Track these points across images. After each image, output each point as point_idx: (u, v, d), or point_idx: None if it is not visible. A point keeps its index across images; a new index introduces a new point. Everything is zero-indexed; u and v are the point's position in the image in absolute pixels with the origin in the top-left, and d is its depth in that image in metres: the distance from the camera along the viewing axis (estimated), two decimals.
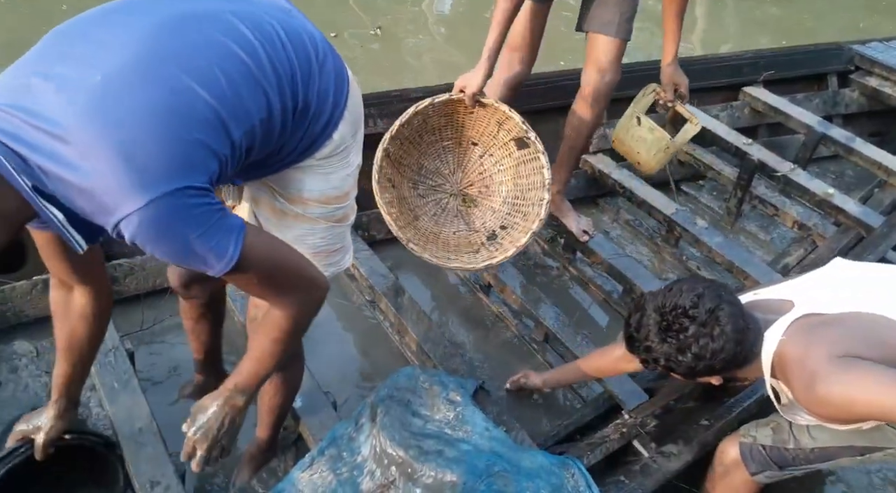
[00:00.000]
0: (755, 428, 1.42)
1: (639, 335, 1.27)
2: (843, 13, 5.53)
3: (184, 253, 0.89)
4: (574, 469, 1.32)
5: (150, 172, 0.83)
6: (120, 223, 0.83)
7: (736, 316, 1.21)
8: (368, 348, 2.02)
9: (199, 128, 0.88)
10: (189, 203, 0.86)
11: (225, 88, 0.91)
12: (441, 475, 1.35)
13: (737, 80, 3.05)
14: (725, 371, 1.27)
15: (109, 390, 1.55)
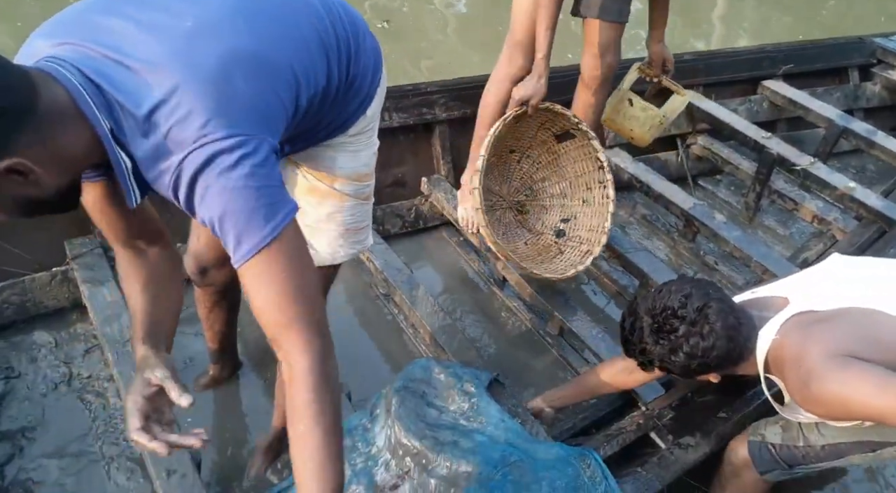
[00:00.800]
0: (764, 427, 1.40)
1: (633, 338, 1.29)
2: (864, 5, 5.45)
3: (234, 200, 0.80)
4: (590, 460, 1.31)
5: (236, 112, 0.80)
6: (189, 155, 0.78)
7: (725, 313, 1.22)
8: (383, 341, 2.02)
9: (282, 85, 0.87)
10: (263, 156, 0.82)
11: (305, 50, 0.92)
12: (456, 465, 1.34)
13: (756, 74, 3.02)
14: (721, 369, 1.27)
15: (128, 380, 1.56)
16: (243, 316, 1.75)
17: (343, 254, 1.25)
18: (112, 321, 1.69)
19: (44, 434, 1.60)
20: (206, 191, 0.80)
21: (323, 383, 0.88)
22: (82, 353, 1.79)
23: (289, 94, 0.89)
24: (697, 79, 2.88)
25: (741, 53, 3.07)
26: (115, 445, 1.60)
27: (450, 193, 2.37)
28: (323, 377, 0.88)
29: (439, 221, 2.45)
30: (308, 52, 0.93)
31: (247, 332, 1.88)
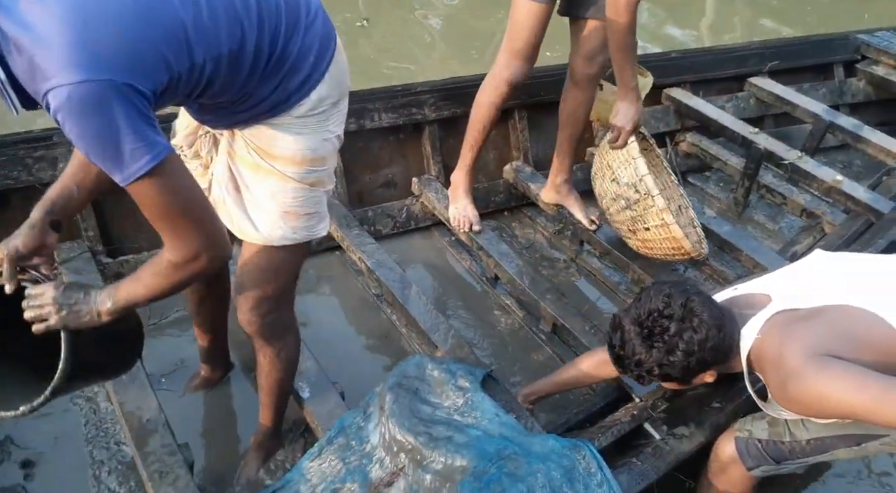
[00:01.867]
0: (751, 422, 1.40)
1: (626, 352, 1.29)
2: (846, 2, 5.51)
3: (95, 145, 0.87)
4: (585, 451, 1.31)
5: (98, 55, 0.83)
6: (49, 92, 0.83)
7: (708, 303, 1.25)
8: (376, 340, 2.01)
9: (162, 37, 0.89)
10: (123, 100, 0.85)
11: (202, 8, 0.93)
12: (451, 460, 1.34)
13: (742, 71, 3.05)
14: (716, 363, 1.28)
15: (117, 383, 1.55)
16: (234, 321, 1.74)
17: (280, 236, 1.21)
18: None
19: (34, 439, 1.58)
20: (69, 130, 0.86)
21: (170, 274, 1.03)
22: None
23: (174, 47, 0.91)
24: (684, 76, 2.91)
25: (727, 51, 3.10)
26: (106, 449, 1.59)
27: (440, 193, 2.37)
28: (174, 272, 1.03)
29: (430, 221, 2.46)
30: (210, 12, 0.94)
31: (238, 335, 1.87)
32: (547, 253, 2.44)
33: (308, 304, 2.07)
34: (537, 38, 2.00)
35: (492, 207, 2.54)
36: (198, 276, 1.06)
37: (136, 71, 0.87)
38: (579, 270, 2.37)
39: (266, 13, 1.01)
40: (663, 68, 2.86)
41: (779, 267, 2.13)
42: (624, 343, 1.29)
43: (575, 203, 2.30)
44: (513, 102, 2.54)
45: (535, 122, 2.63)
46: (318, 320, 2.01)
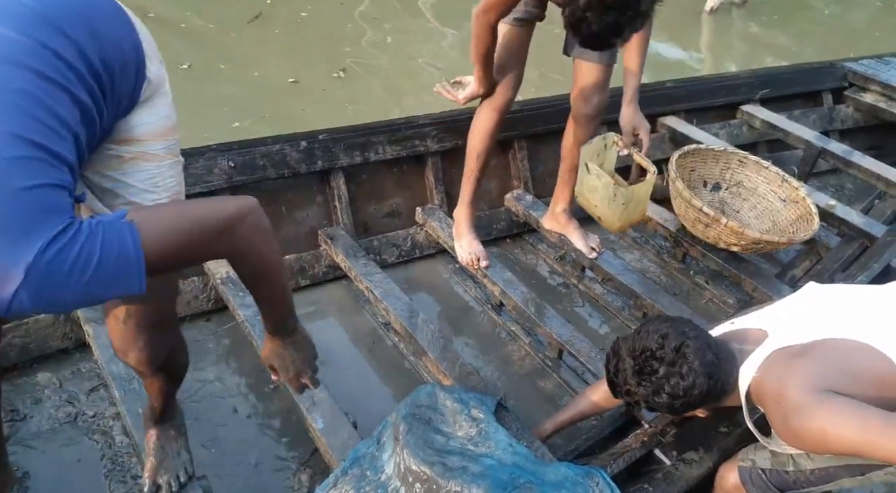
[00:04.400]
0: (754, 451, 1.41)
1: (618, 380, 1.33)
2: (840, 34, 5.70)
3: (92, 294, 0.80)
4: (598, 478, 1.33)
5: (9, 242, 0.74)
6: (12, 307, 0.75)
7: (702, 350, 1.25)
8: (385, 369, 2.04)
9: (28, 175, 0.78)
10: (62, 251, 0.76)
11: (37, 114, 0.81)
12: (466, 489, 1.36)
13: (734, 99, 3.13)
14: (705, 405, 1.31)
15: (134, 417, 1.57)
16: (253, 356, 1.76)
17: None
18: (117, 360, 1.70)
19: (52, 474, 1.59)
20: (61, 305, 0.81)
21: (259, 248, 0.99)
22: (87, 392, 1.79)
23: (50, 171, 0.81)
24: (678, 105, 2.99)
25: (719, 80, 3.19)
26: (123, 482, 1.60)
27: (444, 222, 2.42)
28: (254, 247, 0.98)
29: (434, 250, 2.50)
30: (43, 111, 0.82)
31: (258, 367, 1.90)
32: (549, 279, 2.48)
33: (316, 333, 2.07)
34: (519, 60, 2.00)
35: (494, 234, 2.59)
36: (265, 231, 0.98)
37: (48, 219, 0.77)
38: (582, 295, 2.42)
39: (64, 51, 0.87)
40: (658, 97, 2.94)
41: (778, 291, 2.21)
42: (617, 372, 1.33)
43: (575, 231, 2.35)
44: (513, 133, 2.62)
45: (535, 151, 2.69)
46: (326, 349, 2.03)
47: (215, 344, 2.01)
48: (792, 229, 2.40)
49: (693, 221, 2.30)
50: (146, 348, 1.26)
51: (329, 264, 2.31)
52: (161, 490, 1.46)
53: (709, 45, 5.46)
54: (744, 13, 5.94)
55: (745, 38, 5.67)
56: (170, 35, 3.89)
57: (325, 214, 2.37)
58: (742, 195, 2.61)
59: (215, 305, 2.08)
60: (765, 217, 2.55)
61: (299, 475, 1.68)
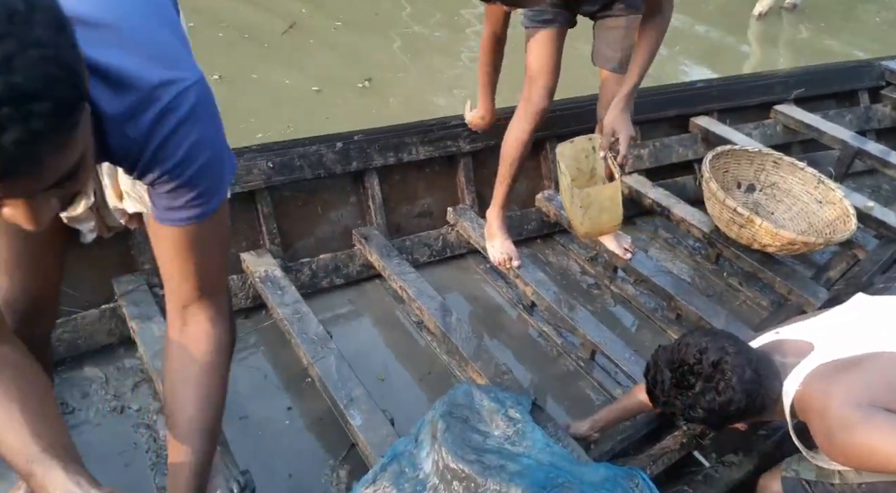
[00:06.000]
0: (797, 462, 1.39)
1: (656, 391, 1.34)
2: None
3: (214, 156, 0.82)
4: (638, 479, 1.34)
5: (183, 55, 0.81)
6: (184, 92, 0.76)
7: (742, 367, 1.24)
8: (419, 368, 2.06)
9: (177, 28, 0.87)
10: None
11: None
12: (505, 488, 1.37)
13: (768, 99, 3.09)
14: (743, 419, 1.30)
15: None
16: (285, 355, 1.78)
17: None
18: (162, 355, 1.75)
19: (99, 465, 1.63)
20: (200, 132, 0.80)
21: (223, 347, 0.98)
22: (131, 387, 1.84)
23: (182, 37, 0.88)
24: (711, 105, 2.96)
25: (753, 79, 3.16)
26: (167, 475, 1.64)
27: (475, 222, 2.44)
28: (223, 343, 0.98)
29: (466, 249, 2.51)
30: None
31: (292, 368, 1.92)
32: (581, 280, 2.48)
33: (350, 332, 2.13)
34: (550, 69, 2.00)
35: (525, 234, 2.60)
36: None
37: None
38: (614, 296, 2.41)
39: None
40: (689, 97, 2.92)
41: (814, 293, 2.19)
42: (656, 382, 1.34)
43: (608, 235, 2.33)
44: (544, 133, 2.62)
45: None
46: (360, 348, 2.07)
47: (253, 341, 2.06)
48: (828, 231, 2.37)
49: (727, 222, 2.28)
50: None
51: (363, 264, 2.34)
52: None
53: (756, 51, 5.36)
54: (794, 18, 5.84)
55: (793, 43, 5.58)
56: (206, 44, 3.95)
57: (359, 214, 2.40)
58: (777, 197, 2.58)
59: (253, 302, 2.12)
60: (800, 219, 2.52)
61: (338, 471, 1.71)
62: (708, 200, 2.36)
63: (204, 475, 0.94)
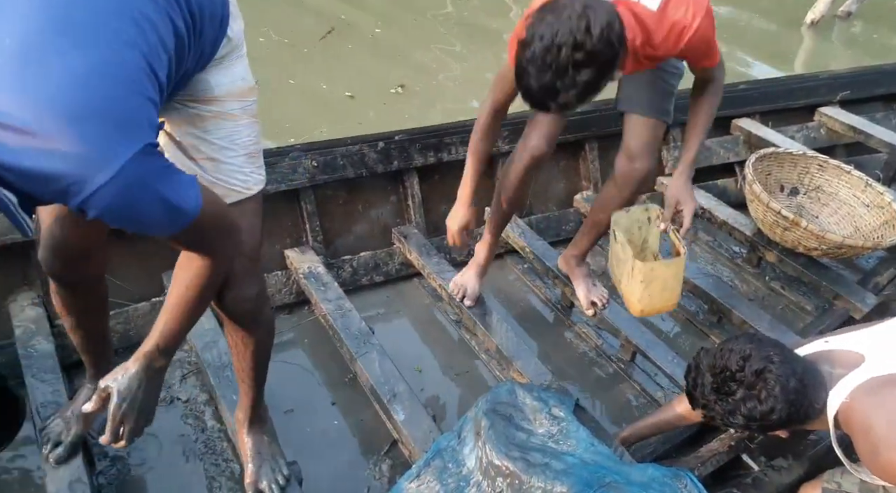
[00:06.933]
0: (840, 475, 1.36)
1: (696, 394, 1.32)
2: None
3: (155, 213, 0.85)
4: (686, 480, 1.33)
5: (109, 139, 0.77)
6: (89, 200, 0.78)
7: (786, 376, 1.21)
8: (458, 366, 2.07)
9: (137, 82, 0.83)
10: (153, 161, 0.83)
11: (146, 29, 0.86)
12: (550, 486, 1.38)
13: (811, 102, 3.05)
14: (785, 428, 1.27)
15: (229, 402, 1.65)
16: None
17: (254, 181, 1.21)
18: (211, 347, 1.80)
19: (149, 455, 1.68)
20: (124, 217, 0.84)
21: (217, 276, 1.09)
22: (180, 379, 1.89)
23: (148, 84, 0.85)
24: (754, 107, 2.92)
25: (796, 81, 3.11)
26: (216, 465, 1.68)
27: (512, 222, 2.44)
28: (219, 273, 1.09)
29: (503, 250, 2.52)
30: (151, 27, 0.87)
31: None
32: None
33: (390, 329, 2.16)
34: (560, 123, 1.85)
35: (563, 235, 2.59)
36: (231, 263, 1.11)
37: (143, 128, 0.83)
38: None
39: None
40: (731, 99, 2.88)
41: (862, 298, 2.15)
42: (696, 385, 1.32)
43: (580, 279, 2.13)
44: (583, 134, 2.62)
45: (606, 153, 2.68)
46: (400, 345, 2.09)
47: (297, 336, 2.09)
48: (876, 235, 2.33)
49: (771, 225, 2.25)
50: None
51: (402, 262, 2.36)
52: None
53: (807, 60, 5.22)
54: (847, 26, 5.71)
55: (847, 51, 5.45)
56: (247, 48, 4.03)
57: (399, 213, 2.42)
58: (821, 200, 2.54)
59: (297, 298, 2.16)
60: (846, 222, 2.48)
61: (380, 465, 1.73)
62: (751, 202, 2.33)
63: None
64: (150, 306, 1.95)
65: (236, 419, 1.56)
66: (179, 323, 1.10)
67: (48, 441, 1.48)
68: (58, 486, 1.41)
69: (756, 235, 2.42)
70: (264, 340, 1.41)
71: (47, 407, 1.58)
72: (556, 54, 1.26)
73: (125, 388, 1.06)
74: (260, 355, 1.42)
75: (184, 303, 1.08)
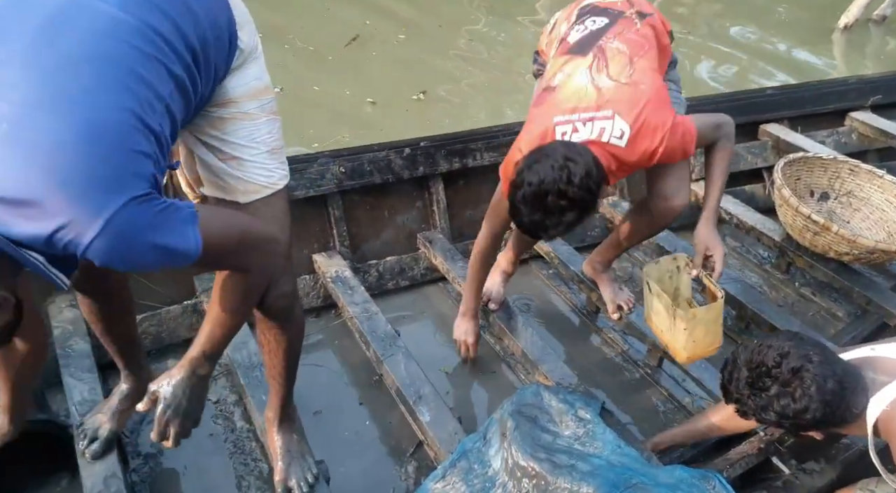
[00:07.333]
0: (876, 484, 1.34)
1: (731, 387, 1.31)
2: None
3: (152, 258, 0.89)
4: (715, 482, 1.32)
5: (92, 197, 0.82)
6: (87, 252, 0.84)
7: (824, 377, 1.20)
8: (485, 369, 2.08)
9: (121, 138, 0.87)
10: (141, 210, 0.86)
11: (130, 84, 0.89)
12: (576, 487, 1.38)
13: (842, 106, 3.01)
14: (819, 429, 1.26)
15: (258, 402, 1.68)
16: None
17: (278, 176, 1.23)
18: (241, 348, 1.83)
19: (180, 454, 1.71)
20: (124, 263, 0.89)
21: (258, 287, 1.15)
22: (211, 379, 1.92)
23: (137, 137, 0.89)
24: (782, 112, 2.90)
25: (826, 86, 3.07)
26: (245, 464, 1.71)
27: None
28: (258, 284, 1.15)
29: (527, 255, 2.52)
30: (135, 80, 0.90)
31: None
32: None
33: (415, 333, 2.17)
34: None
35: (588, 241, 2.59)
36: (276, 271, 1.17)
37: (128, 182, 0.86)
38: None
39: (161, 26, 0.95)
40: (759, 104, 2.87)
41: (894, 305, 2.10)
42: (731, 379, 1.31)
43: (606, 284, 2.12)
44: None
45: None
46: (425, 348, 2.10)
47: (325, 339, 2.12)
48: None
49: (800, 230, 2.23)
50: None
51: (427, 267, 2.38)
52: (293, 492, 1.52)
53: (840, 65, 5.15)
54: (882, 30, 5.62)
55: (880, 57, 5.36)
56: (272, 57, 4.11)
57: (424, 218, 2.45)
58: (853, 205, 2.50)
59: (324, 301, 2.19)
60: (878, 228, 2.44)
61: (406, 466, 1.74)
62: (779, 207, 2.31)
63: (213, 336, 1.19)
64: (181, 309, 1.99)
65: (266, 417, 1.59)
66: (221, 331, 1.15)
67: (84, 437, 1.52)
68: (93, 480, 1.45)
69: (785, 241, 2.39)
70: (296, 337, 1.44)
71: (84, 405, 1.63)
72: (543, 199, 1.44)
73: (171, 394, 1.12)
74: (291, 353, 1.45)
75: (225, 312, 1.13)
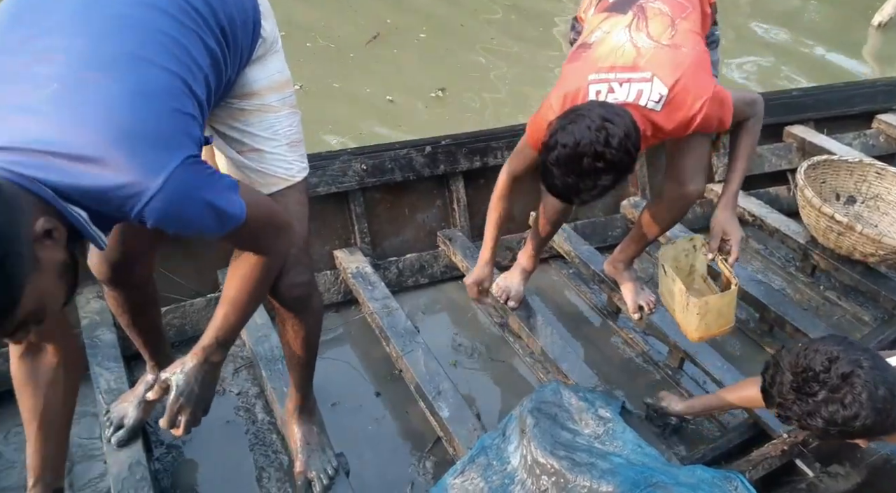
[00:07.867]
0: None
1: (773, 391, 1.26)
2: None
3: (204, 219, 0.92)
4: (737, 482, 1.31)
5: (153, 154, 0.85)
6: (144, 210, 0.85)
7: (875, 383, 1.15)
8: (504, 367, 2.08)
9: (173, 99, 0.90)
10: (196, 170, 0.89)
11: (175, 51, 0.93)
12: (596, 485, 1.38)
13: (869, 108, 2.96)
14: (866, 437, 1.22)
15: (281, 395, 1.70)
16: None
17: (297, 169, 1.26)
18: (263, 341, 1.85)
19: (202, 444, 1.74)
20: (177, 222, 0.90)
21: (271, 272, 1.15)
22: (232, 372, 1.95)
23: (185, 100, 0.92)
24: (808, 114, 2.86)
25: (853, 87, 3.03)
26: (266, 456, 1.73)
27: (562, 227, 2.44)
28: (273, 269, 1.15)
29: (548, 254, 2.52)
30: (180, 48, 0.94)
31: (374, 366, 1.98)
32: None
33: (434, 330, 2.18)
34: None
35: (609, 241, 2.58)
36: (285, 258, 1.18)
37: (183, 141, 0.89)
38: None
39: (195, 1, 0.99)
40: (784, 105, 2.83)
41: None
42: (774, 383, 1.27)
43: (628, 283, 2.10)
44: None
45: (654, 158, 2.66)
46: (444, 345, 2.11)
47: (345, 334, 2.13)
48: None
49: (824, 231, 2.20)
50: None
51: (447, 264, 2.38)
52: (313, 484, 1.53)
53: (872, 65, 4.99)
54: None
55: None
56: (294, 55, 4.15)
57: (444, 216, 2.45)
58: (881, 209, 2.46)
59: (344, 297, 2.21)
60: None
61: (424, 461, 1.75)
62: (803, 208, 2.28)
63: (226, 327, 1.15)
64: (205, 302, 2.02)
65: (286, 409, 1.60)
66: (236, 317, 1.15)
67: (111, 424, 1.55)
68: (119, 467, 1.48)
69: (809, 243, 2.36)
70: (314, 327, 1.45)
71: (110, 393, 1.66)
72: (579, 162, 1.39)
73: (183, 382, 1.11)
74: (310, 343, 1.46)
75: (240, 297, 1.13)
